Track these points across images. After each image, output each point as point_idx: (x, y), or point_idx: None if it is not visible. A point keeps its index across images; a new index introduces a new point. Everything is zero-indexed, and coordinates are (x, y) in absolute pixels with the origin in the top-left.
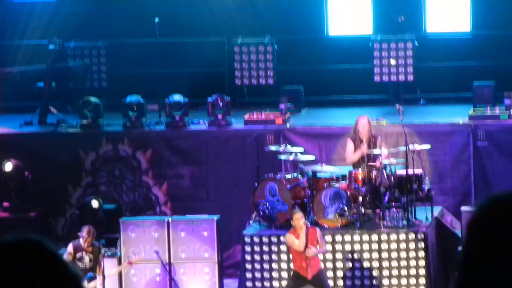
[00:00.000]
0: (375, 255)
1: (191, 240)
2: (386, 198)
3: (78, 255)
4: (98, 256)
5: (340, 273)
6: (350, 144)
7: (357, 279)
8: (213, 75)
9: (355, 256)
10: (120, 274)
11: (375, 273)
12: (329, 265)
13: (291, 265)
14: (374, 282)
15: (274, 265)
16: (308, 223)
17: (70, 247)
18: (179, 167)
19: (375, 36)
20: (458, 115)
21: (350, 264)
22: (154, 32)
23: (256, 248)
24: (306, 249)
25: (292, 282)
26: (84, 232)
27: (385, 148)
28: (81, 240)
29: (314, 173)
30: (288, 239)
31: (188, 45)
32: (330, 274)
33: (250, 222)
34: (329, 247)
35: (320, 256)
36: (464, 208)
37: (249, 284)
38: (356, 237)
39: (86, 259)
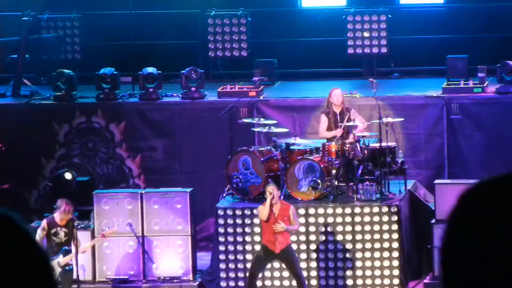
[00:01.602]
0: (348, 228)
1: (165, 213)
2: (360, 171)
3: (53, 230)
4: (73, 229)
5: (313, 246)
6: (324, 120)
7: (330, 252)
8: (187, 48)
9: (329, 229)
10: (93, 247)
11: (348, 246)
12: (302, 238)
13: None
14: (347, 255)
15: (247, 238)
16: (281, 197)
17: (44, 223)
18: (153, 139)
19: (348, 8)
20: (431, 88)
21: (323, 238)
22: (128, 4)
23: (229, 221)
24: (275, 223)
25: (260, 256)
26: (63, 206)
27: (361, 120)
28: (57, 214)
29: (288, 145)
30: (258, 209)
31: (162, 17)
32: (303, 247)
33: (223, 195)
34: (302, 220)
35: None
36: (437, 181)
37: (222, 257)
38: (330, 210)
39: (61, 234)
